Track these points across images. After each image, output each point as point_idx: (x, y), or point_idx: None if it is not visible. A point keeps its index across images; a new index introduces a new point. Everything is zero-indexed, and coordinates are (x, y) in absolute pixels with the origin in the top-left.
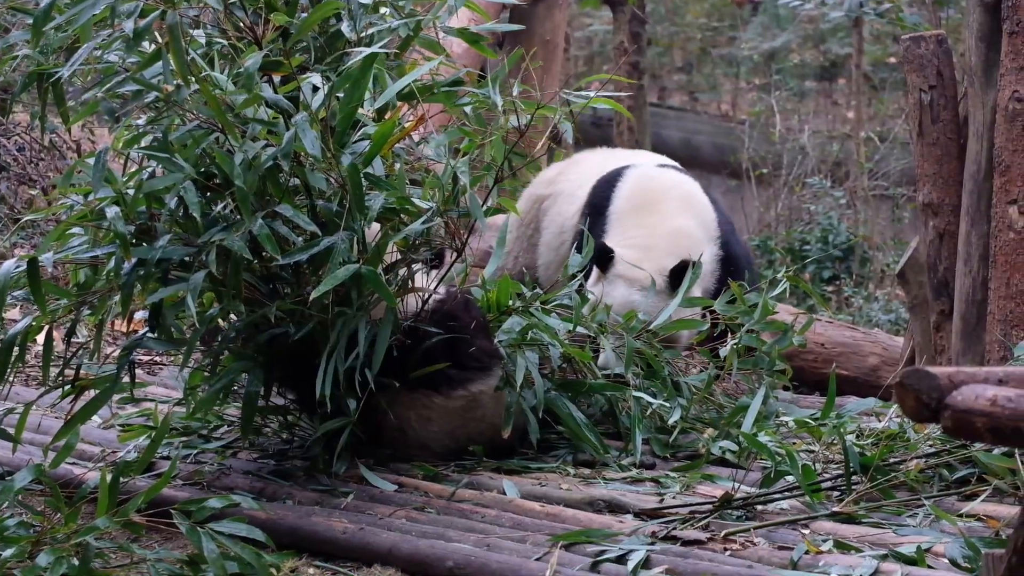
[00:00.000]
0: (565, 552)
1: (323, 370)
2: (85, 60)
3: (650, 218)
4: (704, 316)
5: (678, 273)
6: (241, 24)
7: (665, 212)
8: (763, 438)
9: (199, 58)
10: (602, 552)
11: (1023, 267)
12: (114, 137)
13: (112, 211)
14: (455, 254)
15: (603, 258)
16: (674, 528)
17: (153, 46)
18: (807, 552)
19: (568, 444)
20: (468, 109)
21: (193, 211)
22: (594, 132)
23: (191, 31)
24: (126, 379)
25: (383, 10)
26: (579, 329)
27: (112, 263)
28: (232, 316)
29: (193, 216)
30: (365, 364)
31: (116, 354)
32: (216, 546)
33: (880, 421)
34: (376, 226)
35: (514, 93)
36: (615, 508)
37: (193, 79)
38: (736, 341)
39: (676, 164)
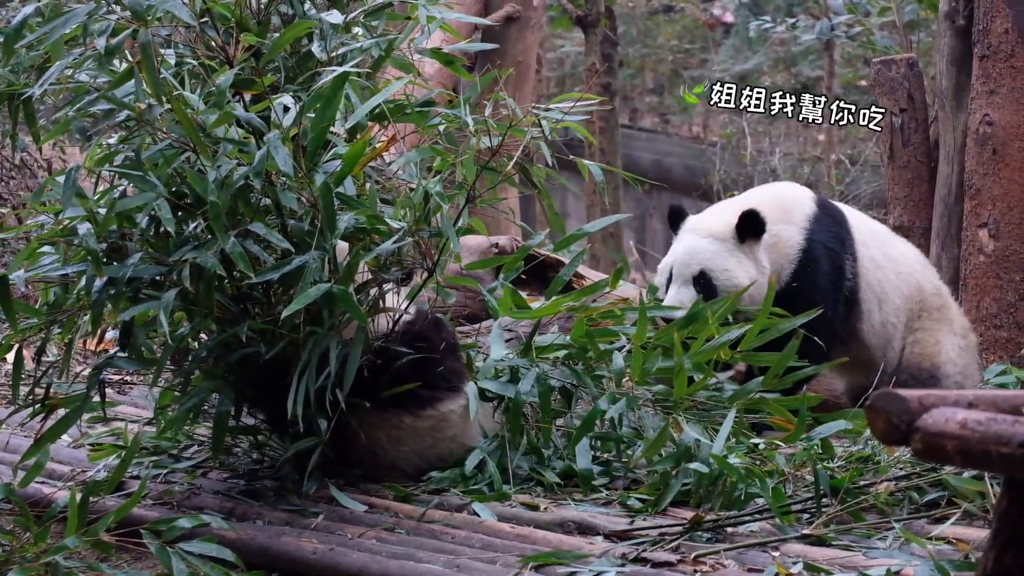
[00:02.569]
0: (535, 573)
1: (294, 390)
2: (57, 79)
3: (737, 198)
4: None
5: (744, 220)
6: (213, 43)
7: (749, 197)
8: (733, 460)
9: (170, 77)
10: (572, 574)
11: (993, 290)
12: (86, 156)
13: (84, 228)
14: (425, 274)
15: (674, 217)
16: (644, 550)
17: (124, 64)
18: (777, 574)
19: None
20: (440, 129)
21: (169, 227)
22: (566, 152)
23: (162, 50)
24: (96, 398)
25: (355, 30)
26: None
27: (83, 281)
28: (203, 335)
29: (164, 235)
30: (336, 384)
31: (86, 373)
32: (186, 566)
33: (856, 444)
34: (344, 245)
35: (486, 113)
36: (585, 529)
37: (165, 98)
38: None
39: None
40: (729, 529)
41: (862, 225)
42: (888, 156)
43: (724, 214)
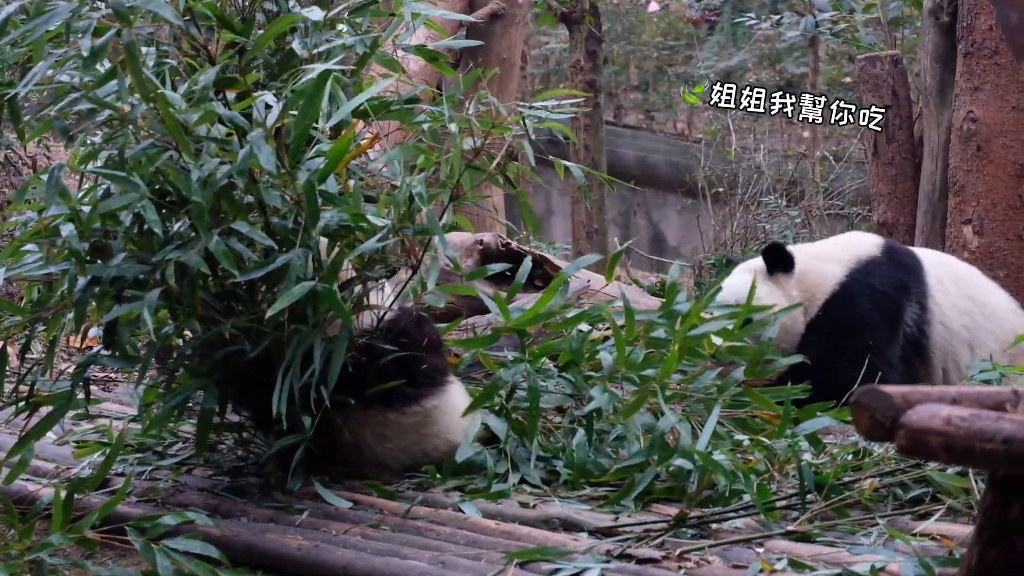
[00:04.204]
0: (520, 570)
1: (278, 387)
2: (40, 79)
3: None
4: None
5: (767, 253)
6: (195, 41)
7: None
8: (718, 456)
9: (152, 76)
10: (557, 570)
11: None
12: (70, 155)
13: (67, 228)
14: (410, 271)
15: (728, 264)
16: (629, 546)
17: (107, 63)
18: (761, 571)
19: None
20: (424, 127)
21: (153, 226)
22: (551, 150)
23: (144, 48)
24: (81, 396)
25: (339, 27)
26: None
27: (66, 280)
28: (187, 333)
29: (148, 234)
30: (320, 381)
31: (71, 370)
32: (170, 563)
33: (849, 437)
34: (324, 241)
35: (470, 111)
36: (570, 526)
37: (148, 96)
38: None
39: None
40: (714, 525)
41: (946, 273)
42: (872, 153)
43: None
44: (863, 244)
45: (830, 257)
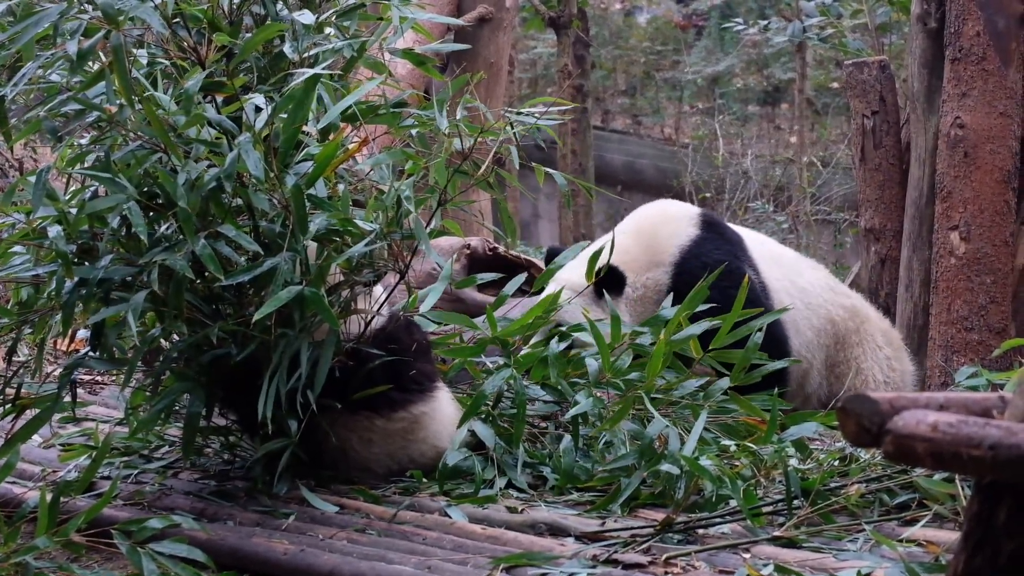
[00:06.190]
0: (506, 575)
1: (265, 391)
2: (28, 80)
3: (608, 238)
4: None
5: (603, 279)
6: (184, 44)
7: (622, 237)
8: (705, 462)
9: (142, 78)
10: (543, 575)
11: (964, 293)
12: (57, 156)
13: (54, 230)
14: (398, 276)
15: (550, 260)
16: (615, 551)
17: (96, 65)
18: None
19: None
20: (413, 132)
21: (139, 231)
22: (537, 155)
23: (134, 50)
24: (67, 398)
25: (327, 31)
26: None
27: (54, 282)
28: (174, 336)
29: (135, 236)
30: (307, 385)
31: (57, 373)
32: (156, 567)
33: (836, 443)
34: (313, 245)
35: (458, 116)
36: (556, 531)
37: (136, 99)
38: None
39: (713, 215)
40: (700, 531)
41: (764, 251)
42: (860, 158)
43: (586, 263)
44: (680, 230)
45: (655, 262)
